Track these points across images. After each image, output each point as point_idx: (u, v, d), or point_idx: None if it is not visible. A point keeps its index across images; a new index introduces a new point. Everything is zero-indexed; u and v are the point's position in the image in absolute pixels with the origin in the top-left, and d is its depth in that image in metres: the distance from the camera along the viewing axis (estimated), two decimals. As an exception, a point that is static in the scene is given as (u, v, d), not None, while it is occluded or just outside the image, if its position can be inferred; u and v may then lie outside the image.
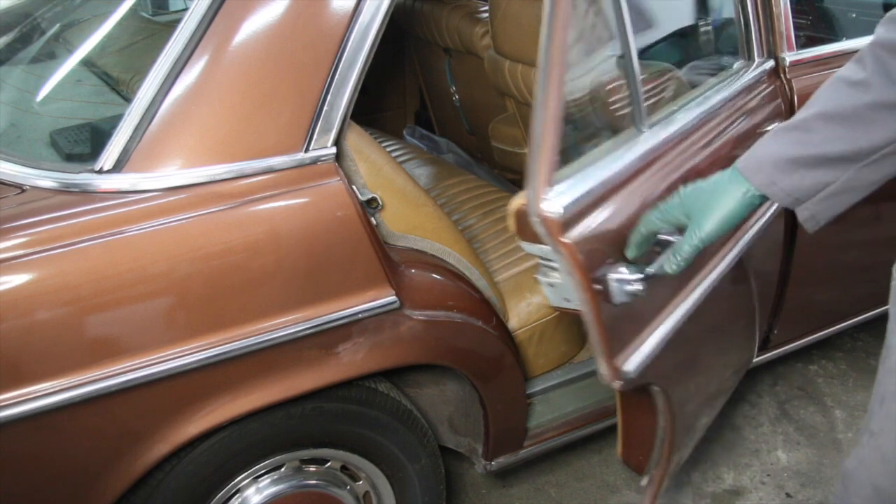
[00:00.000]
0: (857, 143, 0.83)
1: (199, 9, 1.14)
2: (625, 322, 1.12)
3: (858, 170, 0.85)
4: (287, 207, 1.15)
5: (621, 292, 1.02)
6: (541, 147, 0.92)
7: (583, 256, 0.98)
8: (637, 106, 1.23)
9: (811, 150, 0.85)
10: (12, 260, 1.01)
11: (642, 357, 1.13)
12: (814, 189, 0.87)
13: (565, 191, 1.02)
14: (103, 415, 1.08)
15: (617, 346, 1.10)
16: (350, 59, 1.18)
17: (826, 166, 0.85)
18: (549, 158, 0.92)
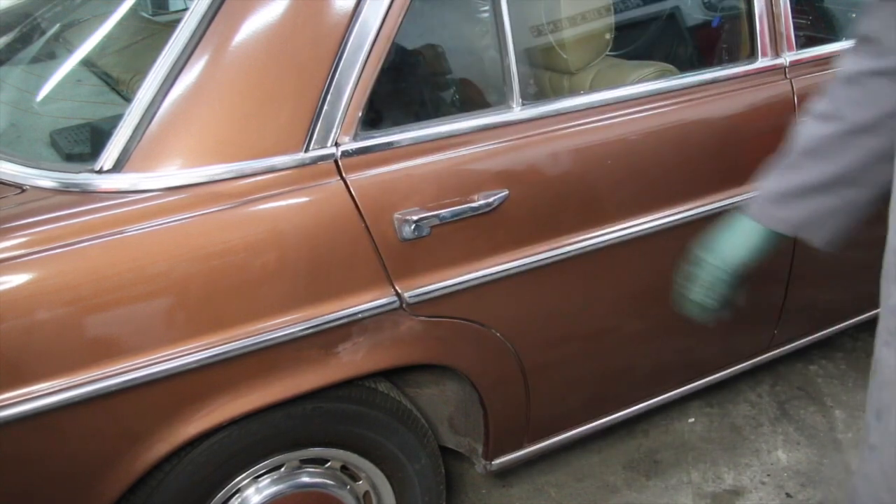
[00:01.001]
0: (834, 168, 0.93)
1: (199, 9, 1.14)
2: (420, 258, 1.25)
3: (845, 190, 0.94)
4: (287, 207, 1.15)
5: (402, 230, 1.21)
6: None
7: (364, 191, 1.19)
8: (508, 79, 1.32)
9: (796, 182, 0.96)
10: (12, 260, 1.01)
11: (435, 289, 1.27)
12: (808, 217, 0.97)
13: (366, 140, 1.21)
14: (103, 415, 1.08)
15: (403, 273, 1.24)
16: (350, 59, 1.18)
17: (813, 194, 0.95)
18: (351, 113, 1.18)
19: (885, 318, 0.83)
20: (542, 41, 1.59)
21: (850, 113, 0.92)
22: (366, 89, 1.20)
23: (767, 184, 1.00)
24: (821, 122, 0.95)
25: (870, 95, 0.90)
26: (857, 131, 0.91)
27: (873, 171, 0.93)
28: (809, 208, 0.96)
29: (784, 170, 0.98)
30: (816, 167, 0.94)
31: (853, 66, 0.92)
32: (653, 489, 1.83)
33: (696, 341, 1.73)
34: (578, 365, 1.56)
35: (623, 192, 1.42)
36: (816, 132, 0.94)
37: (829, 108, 0.94)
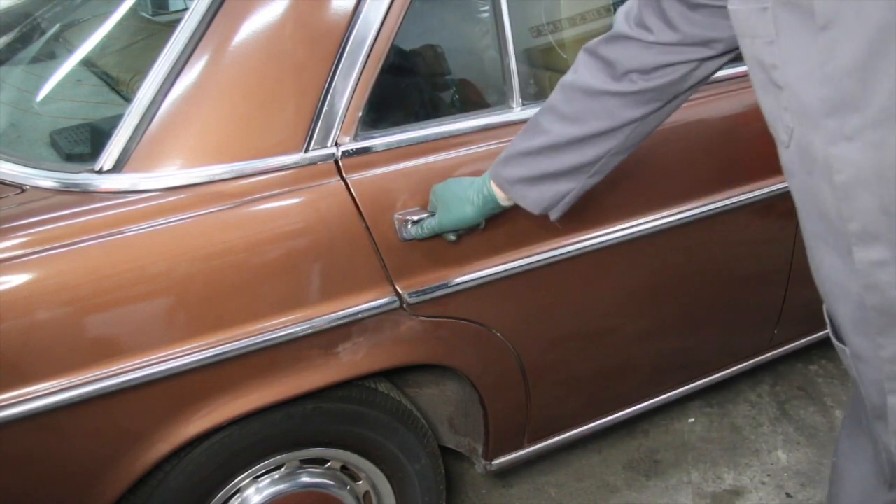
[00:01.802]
0: (582, 159, 1.10)
1: (199, 9, 1.14)
2: (421, 257, 1.26)
3: (587, 178, 1.12)
4: (287, 207, 1.16)
5: (401, 230, 1.22)
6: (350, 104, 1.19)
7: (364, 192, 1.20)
8: (509, 79, 1.33)
9: (547, 169, 1.11)
10: (12, 260, 1.01)
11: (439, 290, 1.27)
12: (556, 198, 1.14)
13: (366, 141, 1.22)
14: (103, 415, 1.08)
15: (405, 274, 1.25)
16: (350, 59, 1.18)
17: (562, 179, 1.12)
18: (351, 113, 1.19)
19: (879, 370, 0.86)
20: (542, 41, 1.60)
21: (591, 121, 1.07)
22: (366, 89, 1.20)
23: (520, 168, 1.13)
24: (565, 122, 1.08)
25: (606, 111, 1.06)
26: (597, 135, 1.07)
27: (609, 162, 1.11)
28: (556, 190, 1.13)
29: (534, 157, 1.11)
30: (566, 158, 1.10)
31: (593, 83, 1.05)
32: (653, 489, 1.83)
33: (697, 341, 1.73)
34: (579, 365, 1.56)
35: (622, 192, 1.42)
36: (564, 131, 1.08)
37: (572, 112, 1.07)
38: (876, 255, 0.78)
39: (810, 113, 0.77)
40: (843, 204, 0.78)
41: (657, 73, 1.02)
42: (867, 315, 0.83)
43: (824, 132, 0.76)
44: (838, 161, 0.76)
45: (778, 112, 0.83)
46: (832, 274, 0.86)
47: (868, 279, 0.80)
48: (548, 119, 1.11)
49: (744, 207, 1.54)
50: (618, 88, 1.04)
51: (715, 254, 1.62)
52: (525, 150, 1.13)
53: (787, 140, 0.83)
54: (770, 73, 0.81)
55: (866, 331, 0.85)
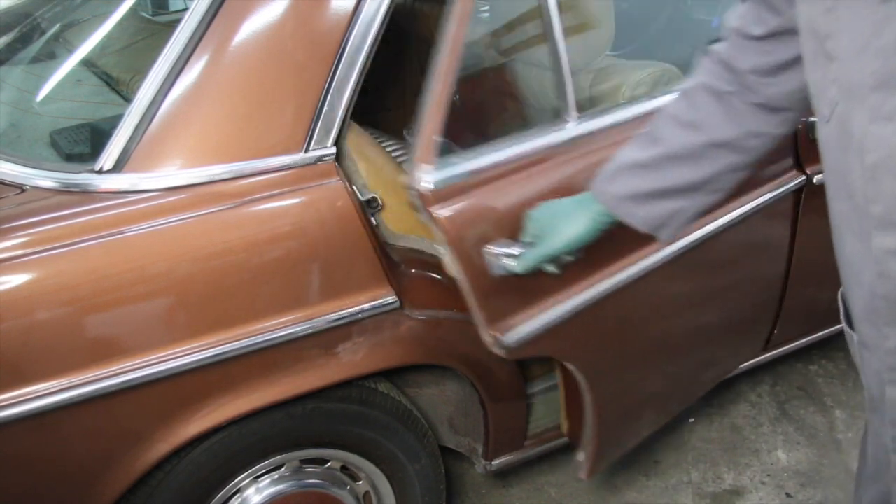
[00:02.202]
0: (700, 174, 0.99)
1: (199, 9, 1.14)
2: (512, 294, 1.18)
3: (704, 196, 1.01)
4: (287, 207, 1.15)
5: (496, 265, 1.12)
6: (424, 128, 1.05)
7: (457, 227, 1.10)
8: (561, 94, 1.28)
9: (661, 185, 1.00)
10: (12, 260, 1.01)
11: (528, 331, 1.19)
12: (668, 217, 1.02)
13: (448, 168, 1.13)
14: (103, 415, 1.08)
15: (498, 315, 1.17)
16: (350, 58, 1.18)
17: (676, 196, 1.01)
18: (429, 139, 1.07)
19: (882, 360, 0.85)
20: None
21: (714, 127, 0.97)
22: (366, 89, 1.20)
23: (630, 182, 1.03)
24: (685, 130, 0.99)
25: (735, 116, 0.96)
26: (719, 145, 0.97)
27: (728, 179, 1.01)
28: (669, 208, 1.01)
29: (648, 171, 1.01)
30: (678, 173, 0.99)
31: (718, 85, 0.97)
32: (653, 489, 1.83)
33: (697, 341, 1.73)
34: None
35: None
36: (682, 140, 0.99)
37: (694, 118, 0.98)
38: (892, 244, 0.77)
39: (856, 87, 0.75)
40: (869, 185, 0.76)
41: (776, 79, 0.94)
42: (877, 304, 0.82)
43: (866, 108, 0.74)
44: (873, 140, 0.74)
45: (824, 85, 0.80)
46: (851, 258, 0.85)
47: (882, 266, 0.79)
48: (665, 127, 1.01)
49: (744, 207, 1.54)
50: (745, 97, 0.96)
51: (714, 254, 1.62)
52: (636, 163, 1.03)
53: (829, 115, 0.80)
54: (823, 42, 0.78)
55: (874, 319, 0.84)
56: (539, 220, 1.11)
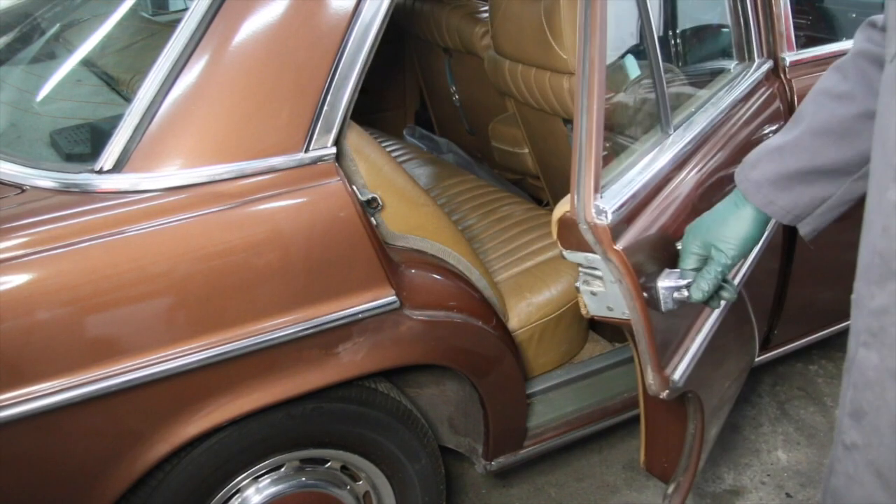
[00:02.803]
0: (848, 154, 0.88)
1: (199, 9, 1.14)
2: (669, 331, 1.11)
3: (852, 182, 0.90)
4: (287, 207, 1.15)
5: (670, 299, 1.02)
6: (587, 154, 0.93)
7: (633, 263, 0.98)
8: (663, 108, 1.23)
9: (805, 165, 0.89)
10: (12, 260, 1.01)
11: (686, 365, 1.13)
12: (812, 205, 0.92)
13: (610, 197, 1.01)
14: (103, 415, 1.08)
15: (664, 355, 1.10)
16: (350, 58, 1.18)
17: (821, 181, 0.90)
18: (596, 165, 0.93)
19: (863, 319, 0.82)
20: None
21: (869, 96, 0.86)
22: (366, 89, 1.19)
23: (770, 165, 0.93)
24: (836, 101, 0.89)
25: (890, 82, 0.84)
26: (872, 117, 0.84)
27: None
28: (810, 195, 0.92)
29: (790, 150, 0.91)
30: (825, 150, 0.89)
31: (875, 49, 0.86)
32: (653, 489, 1.83)
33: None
34: None
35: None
36: (830, 112, 0.89)
37: (848, 89, 0.88)
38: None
39: None
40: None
41: None
42: (874, 260, 0.79)
43: None
44: None
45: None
46: (869, 209, 0.80)
47: (887, 220, 0.75)
48: (813, 102, 0.91)
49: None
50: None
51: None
52: (777, 145, 0.93)
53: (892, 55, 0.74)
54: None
55: (868, 277, 0.80)
56: (699, 236, 1.01)
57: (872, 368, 0.82)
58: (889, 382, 0.79)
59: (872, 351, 0.81)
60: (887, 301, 0.78)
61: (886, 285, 0.77)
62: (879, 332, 0.80)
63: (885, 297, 0.78)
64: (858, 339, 0.84)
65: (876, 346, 0.81)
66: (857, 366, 0.84)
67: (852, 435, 0.86)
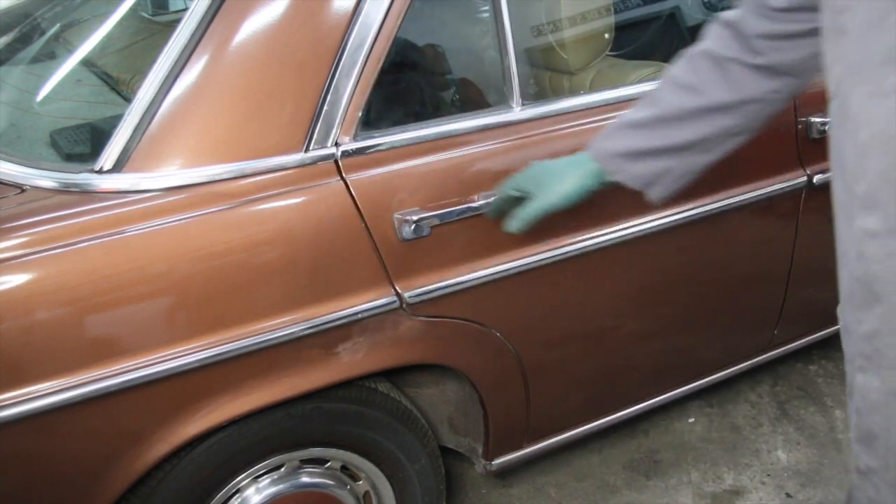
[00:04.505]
0: (690, 136, 1.02)
1: (199, 9, 1.14)
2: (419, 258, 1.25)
3: (692, 156, 1.05)
4: (287, 207, 1.15)
5: (402, 230, 1.20)
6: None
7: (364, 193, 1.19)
8: (509, 83, 1.31)
9: (653, 144, 1.04)
10: (12, 260, 1.01)
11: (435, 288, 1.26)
12: (657, 174, 1.07)
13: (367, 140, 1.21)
14: (103, 415, 1.08)
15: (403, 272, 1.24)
16: (350, 58, 1.18)
17: (665, 156, 1.04)
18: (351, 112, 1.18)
19: (855, 345, 0.84)
20: (542, 41, 1.59)
21: (713, 92, 0.99)
22: (366, 89, 1.20)
23: (623, 140, 1.07)
24: (683, 92, 1.02)
25: (734, 81, 0.98)
26: (715, 109, 1.00)
27: (723, 143, 1.04)
28: (658, 167, 1.06)
29: (640, 130, 1.05)
30: (673, 133, 1.03)
31: (721, 50, 0.99)
32: (653, 489, 1.83)
33: (697, 341, 1.73)
34: (579, 365, 1.56)
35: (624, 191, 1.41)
36: (678, 102, 1.02)
37: (693, 81, 1.01)
38: (871, 224, 0.77)
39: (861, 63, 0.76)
40: (858, 162, 0.77)
41: (788, 44, 0.96)
42: (854, 287, 0.82)
43: (866, 85, 0.75)
44: (867, 116, 0.75)
45: (833, 60, 0.81)
46: (841, 238, 0.85)
47: (860, 247, 0.79)
48: (664, 89, 1.05)
49: (744, 207, 1.54)
50: (746, 59, 0.98)
51: (715, 254, 1.62)
52: (633, 122, 1.07)
53: (836, 90, 0.81)
54: (839, 15, 0.78)
55: (852, 303, 0.84)
56: (532, 177, 1.15)
57: (875, 391, 0.83)
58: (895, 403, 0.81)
59: (871, 375, 0.83)
60: (877, 324, 0.80)
61: (872, 309, 0.80)
62: (874, 356, 0.82)
63: (873, 321, 0.80)
64: (854, 365, 0.86)
65: (873, 370, 0.82)
66: (858, 391, 0.86)
67: (865, 460, 0.87)
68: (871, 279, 0.78)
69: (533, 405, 1.51)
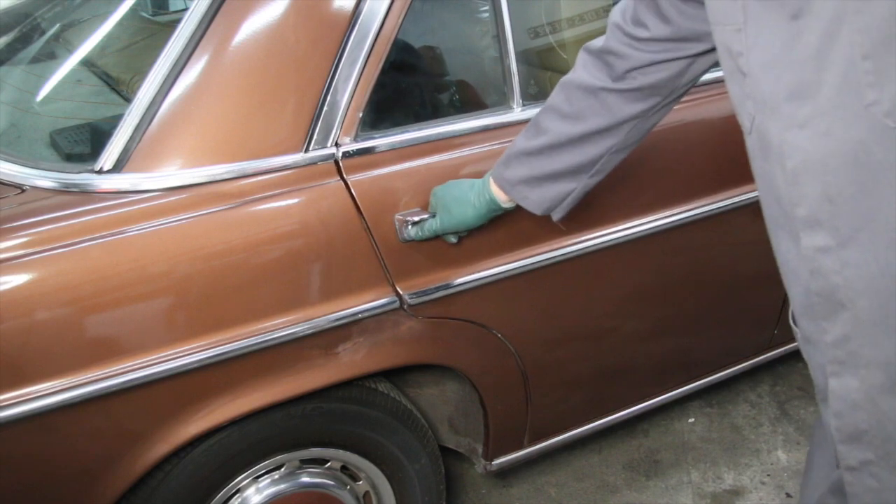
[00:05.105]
0: (580, 159, 1.10)
1: (199, 9, 1.14)
2: (418, 258, 1.25)
3: (588, 178, 1.13)
4: (287, 207, 1.16)
5: (400, 231, 1.21)
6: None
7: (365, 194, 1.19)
8: (509, 83, 1.33)
9: (548, 170, 1.12)
10: (12, 260, 1.01)
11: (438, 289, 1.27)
12: (559, 198, 1.14)
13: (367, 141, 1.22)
14: (103, 415, 1.08)
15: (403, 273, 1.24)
16: (350, 58, 1.18)
17: (564, 179, 1.12)
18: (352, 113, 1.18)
19: (823, 353, 0.88)
20: (543, 42, 1.59)
21: (590, 118, 1.08)
22: (366, 90, 1.20)
23: (521, 169, 1.13)
24: (566, 121, 1.09)
25: (606, 108, 1.07)
26: (596, 133, 1.08)
27: (609, 160, 1.12)
28: (556, 190, 1.13)
29: (535, 158, 1.12)
30: (566, 157, 1.10)
31: (592, 81, 1.07)
32: (653, 489, 1.83)
33: (697, 341, 1.73)
34: (580, 365, 1.56)
35: (623, 192, 1.42)
36: (563, 130, 1.09)
37: (572, 111, 1.09)
38: (820, 241, 0.81)
39: (769, 100, 0.80)
40: (792, 189, 0.81)
41: (654, 68, 1.04)
42: (812, 299, 0.85)
43: (780, 119, 0.79)
44: (790, 147, 0.79)
45: (741, 99, 0.86)
46: (787, 257, 0.89)
47: (812, 264, 0.83)
48: (548, 119, 1.12)
49: (744, 207, 1.54)
50: (616, 86, 1.06)
51: (715, 254, 1.62)
52: (526, 150, 1.13)
53: (750, 127, 0.86)
54: (737, 59, 0.84)
55: (812, 315, 0.87)
56: (438, 197, 1.20)
57: (855, 391, 0.86)
58: (881, 397, 0.84)
59: (847, 377, 0.86)
60: (846, 330, 0.84)
61: (838, 317, 0.83)
62: (848, 359, 0.85)
63: (842, 327, 0.84)
64: (825, 372, 0.89)
65: (849, 373, 0.86)
66: (834, 396, 0.88)
67: (856, 455, 0.90)
68: (832, 290, 0.82)
69: (534, 405, 1.51)
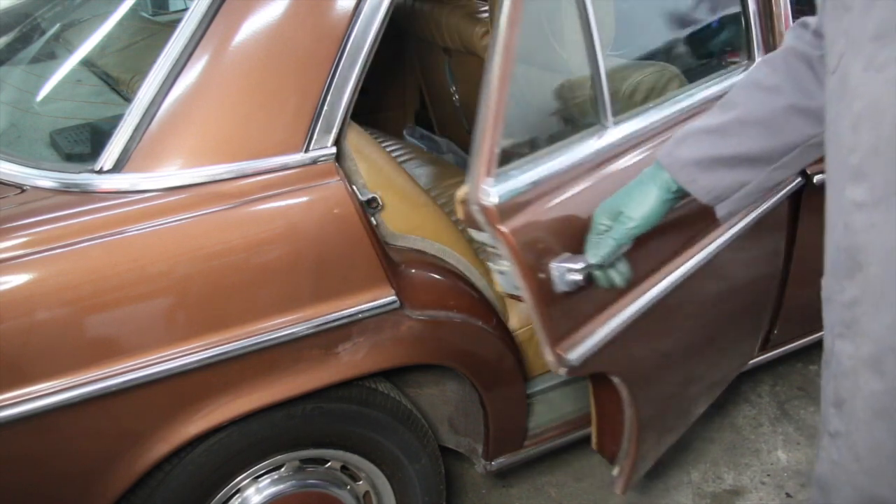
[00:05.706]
0: (772, 143, 0.95)
1: (199, 9, 1.14)
2: (572, 311, 1.15)
3: (772, 171, 0.97)
4: (287, 207, 1.15)
5: (563, 281, 1.07)
6: (482, 140, 0.98)
7: (521, 244, 1.05)
8: (601, 101, 1.27)
9: (731, 151, 0.95)
10: (12, 260, 1.01)
11: (589, 347, 1.17)
12: (732, 188, 0.98)
13: (508, 181, 1.08)
14: (103, 415, 1.08)
15: (562, 333, 1.14)
16: (350, 58, 1.18)
17: (743, 167, 0.96)
18: (489, 150, 1.00)
19: (836, 313, 0.86)
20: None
21: (798, 91, 0.94)
22: (366, 89, 1.20)
23: (696, 146, 0.98)
24: (766, 93, 0.95)
25: (819, 81, 0.93)
26: (800, 111, 0.93)
27: (800, 155, 0.97)
28: (730, 179, 0.97)
29: (717, 135, 0.97)
30: (751, 139, 0.95)
31: (808, 49, 0.94)
32: (653, 489, 1.83)
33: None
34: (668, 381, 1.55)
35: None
36: (760, 103, 0.95)
37: (777, 82, 0.94)
38: (859, 196, 0.79)
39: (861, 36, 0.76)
40: (852, 134, 0.77)
41: None
42: (839, 256, 0.83)
43: (863, 58, 0.75)
44: (863, 88, 0.75)
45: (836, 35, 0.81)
46: (829, 209, 0.86)
47: (847, 217, 0.81)
48: (742, 92, 0.98)
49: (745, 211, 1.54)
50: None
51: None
52: (706, 127, 0.98)
53: (836, 65, 0.80)
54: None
55: (835, 272, 0.85)
56: (607, 209, 1.05)
57: (848, 357, 0.85)
58: (862, 370, 0.83)
59: (847, 341, 0.85)
60: (858, 292, 0.82)
61: (854, 278, 0.81)
62: (853, 323, 0.84)
63: (855, 289, 0.82)
64: (833, 332, 0.88)
65: (850, 337, 0.84)
66: (836, 357, 0.88)
67: (835, 423, 0.90)
68: (855, 249, 0.80)
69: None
